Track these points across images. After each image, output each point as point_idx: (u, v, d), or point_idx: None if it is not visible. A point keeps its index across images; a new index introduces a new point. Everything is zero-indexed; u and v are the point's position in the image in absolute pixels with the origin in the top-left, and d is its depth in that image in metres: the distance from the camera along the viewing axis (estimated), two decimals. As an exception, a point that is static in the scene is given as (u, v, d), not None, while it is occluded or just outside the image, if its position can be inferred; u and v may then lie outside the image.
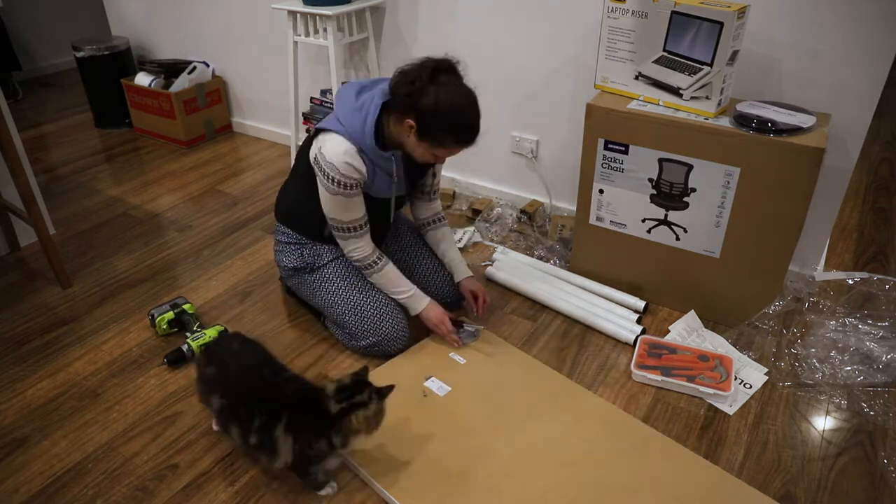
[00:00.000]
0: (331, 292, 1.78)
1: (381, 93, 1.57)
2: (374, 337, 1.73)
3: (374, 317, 1.73)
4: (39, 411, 1.65)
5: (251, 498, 1.41)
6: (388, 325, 1.74)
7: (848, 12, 1.67)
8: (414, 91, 1.48)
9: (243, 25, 3.01)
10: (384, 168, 1.62)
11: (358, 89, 1.60)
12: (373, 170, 1.60)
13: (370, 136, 1.54)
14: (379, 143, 1.57)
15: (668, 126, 1.74)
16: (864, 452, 1.52)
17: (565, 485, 1.42)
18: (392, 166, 1.62)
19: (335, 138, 1.55)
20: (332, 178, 1.55)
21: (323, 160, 1.55)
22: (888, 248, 2.31)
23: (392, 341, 1.75)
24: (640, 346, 1.79)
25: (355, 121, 1.54)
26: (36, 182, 2.30)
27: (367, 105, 1.55)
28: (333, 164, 1.54)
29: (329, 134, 1.57)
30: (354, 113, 1.55)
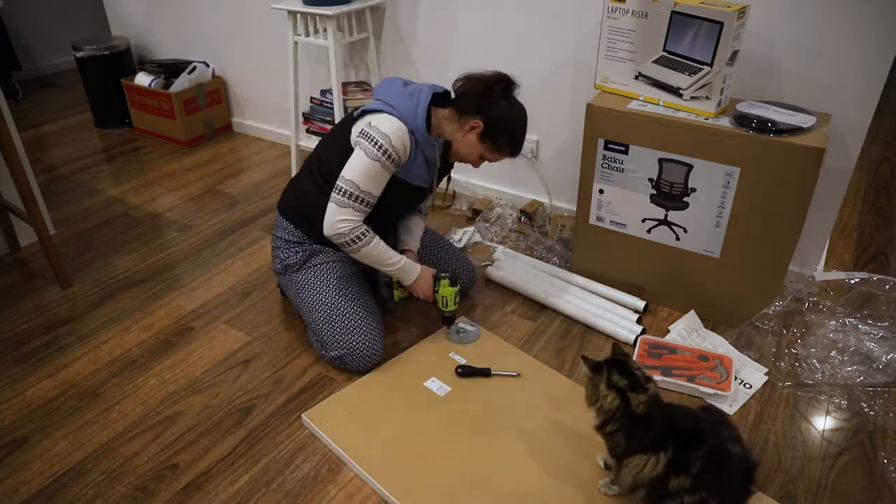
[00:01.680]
0: (311, 296, 1.76)
1: (430, 86, 1.67)
2: (343, 350, 1.69)
3: (348, 329, 1.69)
4: (39, 411, 1.65)
5: (251, 498, 1.42)
6: (360, 340, 1.69)
7: (848, 12, 1.68)
8: (492, 97, 1.61)
9: (243, 25, 3.01)
10: (427, 153, 1.67)
11: (404, 82, 1.69)
12: (416, 152, 1.64)
13: (422, 118, 1.61)
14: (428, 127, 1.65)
15: (668, 126, 1.74)
16: (864, 452, 1.52)
17: (564, 485, 1.42)
18: (435, 152, 1.68)
19: (388, 117, 1.59)
20: (380, 145, 1.57)
21: (375, 131, 1.58)
22: (888, 248, 2.31)
23: (361, 358, 1.69)
24: (640, 346, 1.79)
25: (408, 104, 1.61)
26: (36, 182, 2.30)
27: (417, 93, 1.64)
28: (387, 135, 1.57)
29: (380, 114, 1.61)
30: (405, 97, 1.62)
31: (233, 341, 1.88)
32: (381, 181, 1.63)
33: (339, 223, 1.63)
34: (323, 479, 1.46)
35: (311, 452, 1.52)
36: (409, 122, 1.61)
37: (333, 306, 1.72)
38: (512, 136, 1.66)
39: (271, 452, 1.52)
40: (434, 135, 1.69)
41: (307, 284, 1.78)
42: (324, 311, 1.72)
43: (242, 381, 1.74)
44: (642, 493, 1.26)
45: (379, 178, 1.62)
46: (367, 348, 1.70)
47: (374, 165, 1.59)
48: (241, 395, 1.69)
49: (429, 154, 1.67)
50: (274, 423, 1.60)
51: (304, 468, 1.48)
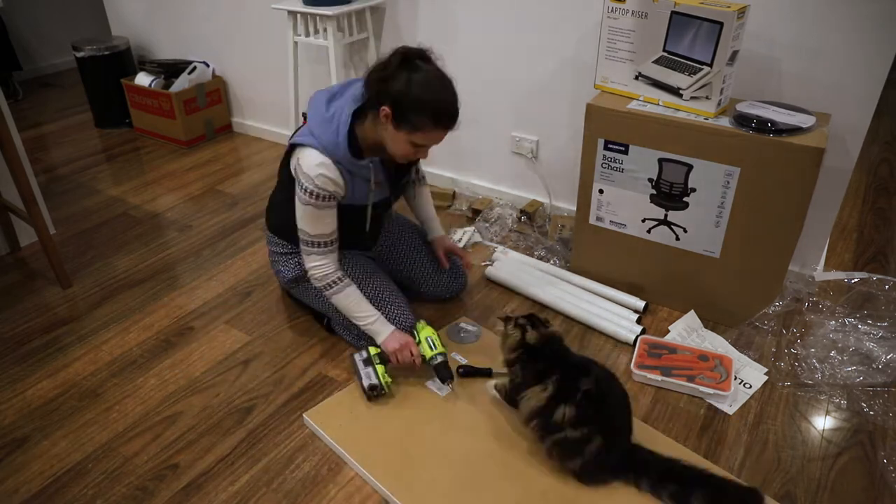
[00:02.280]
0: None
1: (351, 99, 1.53)
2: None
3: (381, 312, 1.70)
4: (39, 411, 1.65)
5: (251, 498, 1.42)
6: (394, 319, 1.71)
7: (848, 12, 1.68)
8: (386, 76, 1.45)
9: (243, 25, 3.01)
10: (362, 176, 1.59)
11: (328, 98, 1.57)
12: (351, 180, 1.58)
13: (343, 146, 1.51)
14: (354, 151, 1.54)
15: (668, 126, 1.74)
16: (864, 452, 1.52)
17: (565, 484, 1.42)
18: (370, 174, 1.59)
19: (311, 153, 1.52)
20: (305, 188, 1.53)
21: (300, 171, 1.53)
22: (888, 248, 2.31)
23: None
24: (639, 346, 1.79)
25: (327, 132, 1.51)
26: (36, 182, 2.30)
27: (337, 115, 1.52)
28: (309, 176, 1.51)
29: (305, 149, 1.54)
30: (326, 124, 1.52)
31: (233, 341, 1.88)
32: (327, 218, 1.58)
33: (312, 271, 1.63)
34: (323, 479, 1.46)
35: (312, 452, 1.52)
36: (333, 153, 1.51)
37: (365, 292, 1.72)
38: (422, 107, 1.45)
39: (271, 452, 1.53)
40: (368, 148, 1.58)
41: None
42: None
43: (242, 381, 1.74)
44: (535, 423, 1.43)
45: (322, 218, 1.57)
46: (404, 325, 1.71)
47: (309, 210, 1.55)
48: (241, 395, 1.69)
49: (366, 175, 1.59)
50: (274, 423, 1.60)
51: (304, 468, 1.48)
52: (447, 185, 2.72)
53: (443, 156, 2.71)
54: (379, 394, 1.62)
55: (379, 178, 1.62)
